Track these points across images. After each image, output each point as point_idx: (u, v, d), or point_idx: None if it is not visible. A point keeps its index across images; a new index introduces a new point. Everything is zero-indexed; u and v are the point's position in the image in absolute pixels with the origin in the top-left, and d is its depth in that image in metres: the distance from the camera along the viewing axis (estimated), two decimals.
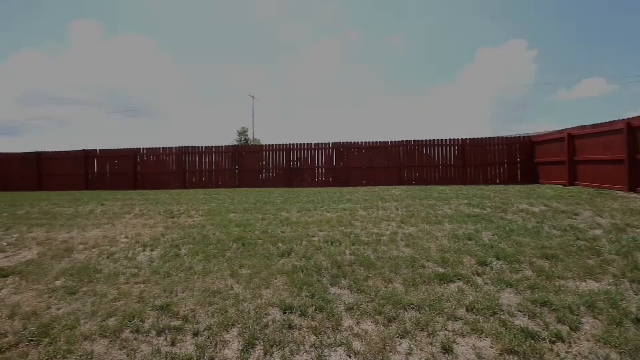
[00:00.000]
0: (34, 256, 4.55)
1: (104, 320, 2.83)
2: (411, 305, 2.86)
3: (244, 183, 13.95)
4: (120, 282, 3.61)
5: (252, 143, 38.69)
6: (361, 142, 13.39)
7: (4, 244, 5.14)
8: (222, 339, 2.51)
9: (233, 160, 14.10)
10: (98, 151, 15.17)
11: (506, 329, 2.45)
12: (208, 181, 14.26)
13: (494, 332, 2.41)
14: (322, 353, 2.32)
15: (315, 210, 6.70)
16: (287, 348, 2.38)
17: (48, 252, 4.69)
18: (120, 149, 15.00)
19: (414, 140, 13.18)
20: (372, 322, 2.66)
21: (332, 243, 4.55)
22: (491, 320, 2.59)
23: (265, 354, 2.34)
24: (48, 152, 15.79)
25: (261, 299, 3.11)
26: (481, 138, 12.86)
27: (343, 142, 13.46)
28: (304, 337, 2.50)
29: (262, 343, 2.45)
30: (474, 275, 3.44)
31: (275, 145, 13.92)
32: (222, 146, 14.38)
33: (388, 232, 4.99)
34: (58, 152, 15.68)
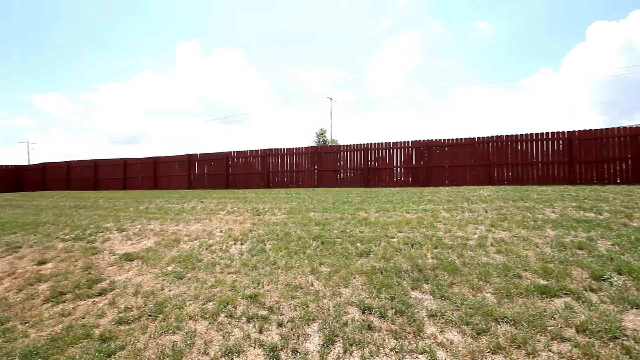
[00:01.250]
0: (151, 245, 5.42)
1: (204, 304, 3.22)
2: (505, 319, 2.58)
3: (322, 183, 14.36)
4: (216, 271, 4.05)
5: (330, 144, 39.54)
6: (444, 140, 12.58)
7: (131, 233, 6.24)
8: (303, 332, 2.63)
9: (312, 161, 14.63)
10: (198, 155, 17.32)
11: (631, 358, 2.04)
12: (289, 181, 15.08)
13: None
14: (402, 358, 2.25)
15: (394, 210, 6.52)
16: (367, 349, 2.37)
17: (162, 241, 5.53)
18: (215, 152, 16.85)
19: (507, 136, 11.82)
20: (458, 332, 2.48)
21: (412, 245, 4.37)
22: (610, 346, 2.17)
23: (345, 352, 2.37)
24: (161, 156, 18.64)
25: (340, 297, 3.16)
26: (595, 130, 10.86)
27: (423, 140, 12.82)
28: (384, 340, 2.46)
29: (341, 341, 2.49)
30: (586, 290, 2.93)
31: (353, 145, 13.99)
32: (302, 148, 15.06)
33: (476, 236, 4.58)
34: (168, 156, 18.40)
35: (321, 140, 46.03)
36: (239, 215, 7.25)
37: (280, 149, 15.37)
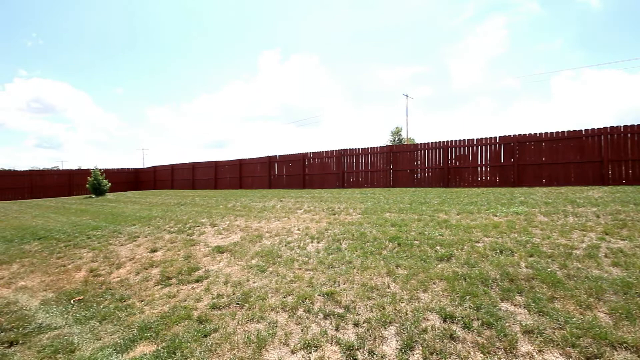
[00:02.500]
0: (238, 239, 5.94)
1: (284, 297, 3.41)
2: (624, 344, 2.16)
3: (398, 183, 13.94)
4: (295, 267, 4.25)
5: (405, 142, 38.17)
6: (539, 134, 11.05)
7: (221, 228, 6.94)
8: (380, 335, 2.58)
9: (387, 161, 14.31)
10: (277, 157, 18.43)
11: None
12: (364, 181, 15.01)
13: None
14: None
15: (478, 213, 5.98)
16: None
17: (246, 237, 6.03)
18: (293, 154, 17.71)
19: (625, 127, 9.83)
20: (561, 355, 2.16)
21: (501, 252, 3.95)
22: None
23: None
24: (245, 159, 20.35)
25: (419, 302, 3.02)
26: None
27: (514, 135, 11.46)
28: (469, 353, 2.27)
29: (420, 348, 2.38)
30: None
31: (431, 143, 13.26)
32: (376, 147, 14.85)
33: (583, 245, 3.92)
34: (251, 158, 19.99)
35: (396, 139, 44.73)
36: (315, 214, 7.47)
37: (355, 149, 15.39)
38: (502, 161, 11.73)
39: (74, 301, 3.78)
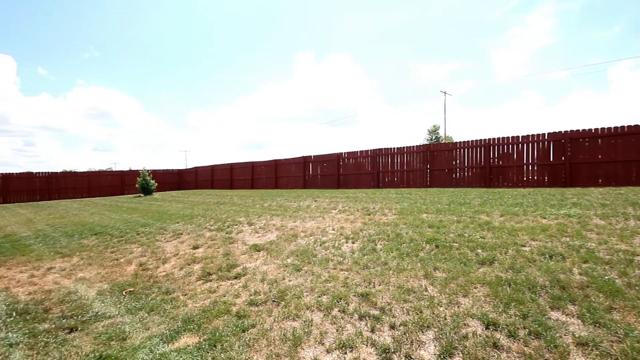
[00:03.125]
0: (274, 238, 6.07)
1: (319, 297, 3.43)
2: None
3: (435, 183, 13.49)
4: (329, 267, 4.26)
5: (443, 141, 36.82)
6: (595, 130, 10.14)
7: (257, 227, 7.14)
8: (417, 339, 2.52)
9: (424, 160, 13.89)
10: (312, 157, 18.61)
11: None
12: (400, 181, 14.69)
13: None
14: None
15: (524, 215, 5.61)
16: None
17: (282, 236, 6.14)
18: (327, 154, 17.78)
19: None
20: None
21: (551, 257, 3.68)
22: None
23: None
24: (280, 159, 20.76)
25: (458, 306, 2.91)
26: None
27: (565, 132, 10.62)
28: None
29: (460, 355, 2.28)
30: None
31: (471, 141, 12.67)
32: (412, 146, 14.48)
33: None
34: (286, 159, 20.36)
35: (434, 137, 43.30)
36: (350, 214, 7.44)
37: (390, 148, 15.12)
38: (551, 159, 10.93)
39: (125, 292, 4.08)
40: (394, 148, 15.02)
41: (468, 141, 12.85)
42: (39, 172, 22.18)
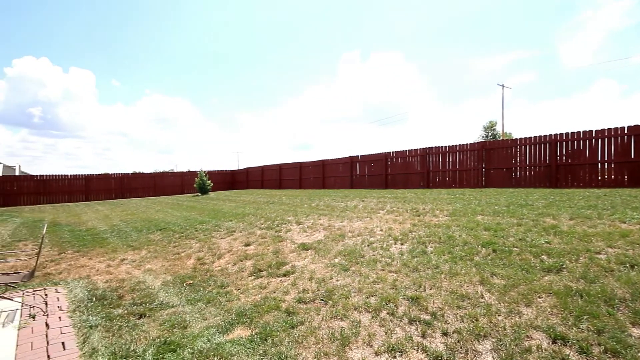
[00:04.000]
0: (321, 238, 6.14)
1: (367, 298, 3.40)
2: None
3: (491, 183, 12.59)
4: (377, 268, 4.19)
5: (501, 138, 34.32)
6: None
7: (305, 226, 7.27)
8: (473, 348, 2.37)
9: (478, 159, 13.04)
10: (359, 157, 18.47)
11: None
12: (452, 181, 13.96)
13: None
14: None
15: (599, 218, 5.00)
16: None
17: (330, 235, 6.18)
18: (375, 153, 17.52)
19: None
20: None
21: (632, 266, 3.24)
22: None
23: None
24: (328, 159, 20.92)
25: (520, 317, 2.69)
26: None
27: None
28: None
29: None
30: None
31: (534, 137, 11.60)
32: (466, 144, 13.68)
33: None
34: (333, 159, 20.46)
35: (490, 134, 40.56)
36: (399, 215, 7.26)
37: (441, 146, 14.46)
38: (632, 156, 9.62)
39: (186, 284, 4.41)
40: (445, 146, 14.33)
41: (530, 137, 11.81)
42: (114, 173, 24.86)
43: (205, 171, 23.10)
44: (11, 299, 3.86)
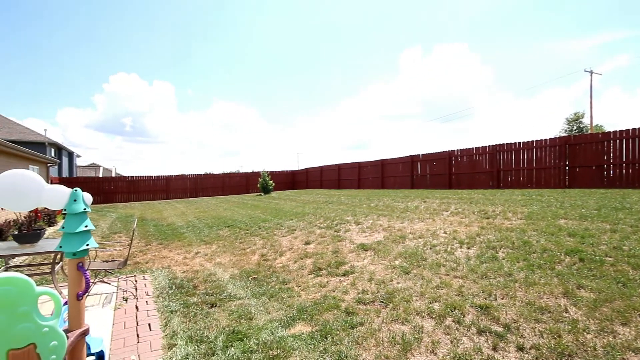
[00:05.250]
0: (381, 238, 6.03)
1: (430, 303, 3.25)
2: None
3: (576, 183, 11.09)
4: (441, 273, 3.98)
5: (589, 132, 30.13)
6: None
7: (364, 227, 7.21)
8: None
9: (560, 155, 11.58)
10: (420, 156, 17.73)
11: None
12: (527, 180, 12.64)
13: None
14: None
15: None
16: None
17: (389, 236, 6.04)
18: (437, 152, 16.66)
19: None
20: None
21: None
22: None
23: None
24: (387, 159, 20.48)
25: (614, 336, 2.33)
26: None
27: None
28: None
29: None
30: None
31: (633, 130, 9.95)
32: (544, 140, 12.26)
33: None
34: (393, 158, 19.96)
35: (575, 127, 35.89)
36: (464, 217, 6.80)
37: (514, 143, 13.20)
38: None
39: (251, 279, 4.68)
40: (519, 142, 13.06)
41: (628, 130, 10.17)
42: (189, 174, 27.43)
43: (267, 172, 24.26)
44: (109, 283, 4.50)
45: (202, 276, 4.89)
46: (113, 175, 42.31)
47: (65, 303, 2.09)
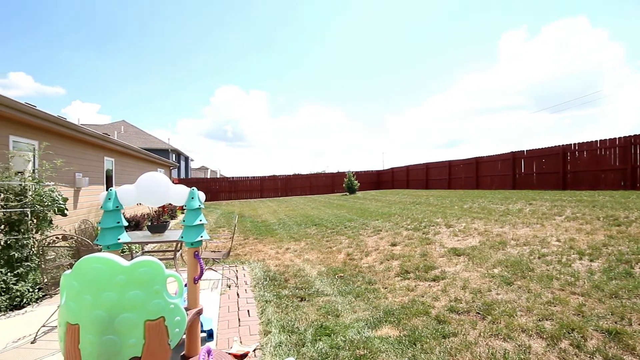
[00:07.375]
0: (476, 243, 5.50)
1: (539, 320, 2.83)
2: None
3: None
4: (554, 287, 3.44)
5: None
6: None
7: (456, 230, 6.67)
8: None
9: None
10: (525, 152, 15.57)
11: None
12: None
13: None
14: None
15: None
16: None
17: (486, 242, 5.47)
18: (546, 147, 14.36)
19: None
20: None
21: None
22: None
23: None
24: (483, 156, 18.57)
25: None
26: None
27: None
28: None
29: None
30: None
31: None
32: None
33: None
34: (489, 156, 17.99)
35: None
36: (585, 223, 5.74)
37: None
38: None
39: (337, 277, 4.78)
40: None
41: None
42: (279, 175, 29.49)
43: (352, 172, 24.46)
44: (216, 271, 5.13)
45: (292, 271, 5.20)
46: (218, 176, 48.12)
47: (185, 285, 2.46)
